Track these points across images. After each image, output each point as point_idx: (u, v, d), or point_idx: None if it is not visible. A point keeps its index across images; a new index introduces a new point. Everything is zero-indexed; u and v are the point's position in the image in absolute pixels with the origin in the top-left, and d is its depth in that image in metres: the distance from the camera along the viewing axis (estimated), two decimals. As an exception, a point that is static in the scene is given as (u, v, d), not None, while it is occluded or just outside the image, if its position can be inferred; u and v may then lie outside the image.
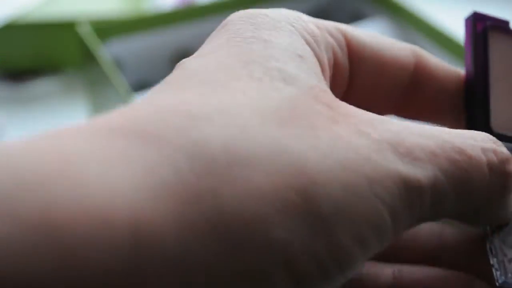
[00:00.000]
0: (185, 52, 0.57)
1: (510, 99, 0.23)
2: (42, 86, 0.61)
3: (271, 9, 0.21)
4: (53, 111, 0.59)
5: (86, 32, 0.50)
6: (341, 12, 0.63)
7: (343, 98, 0.23)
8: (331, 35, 0.21)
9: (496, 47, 0.24)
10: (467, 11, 0.73)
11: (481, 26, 0.24)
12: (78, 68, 0.60)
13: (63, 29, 0.59)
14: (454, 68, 0.24)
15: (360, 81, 0.23)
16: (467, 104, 0.23)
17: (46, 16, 0.59)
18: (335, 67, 0.22)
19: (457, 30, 0.55)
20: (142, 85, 0.56)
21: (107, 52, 0.52)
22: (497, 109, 0.23)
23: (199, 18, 0.56)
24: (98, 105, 0.53)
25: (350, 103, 0.20)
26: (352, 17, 0.61)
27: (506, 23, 0.24)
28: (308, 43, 0.20)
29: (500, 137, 0.22)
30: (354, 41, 0.22)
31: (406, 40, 0.56)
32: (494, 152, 0.19)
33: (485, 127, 0.22)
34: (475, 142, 0.19)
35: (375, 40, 0.23)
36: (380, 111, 0.23)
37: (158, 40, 0.55)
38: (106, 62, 0.47)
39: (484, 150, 0.19)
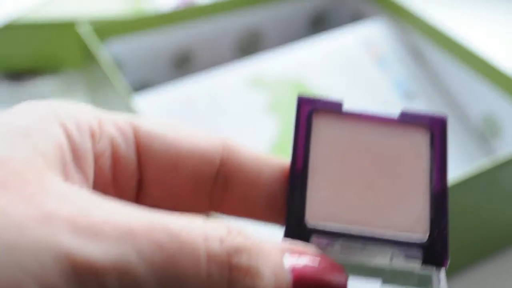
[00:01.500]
0: (185, 52, 0.57)
1: (335, 189, 0.22)
2: (42, 86, 0.61)
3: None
4: (53, 111, 0.59)
5: (86, 32, 0.50)
6: (341, 12, 0.63)
7: (140, 190, 0.22)
8: (117, 127, 0.21)
9: (322, 131, 0.23)
10: (467, 11, 0.73)
11: (306, 109, 0.23)
12: (78, 68, 0.60)
13: (63, 29, 0.59)
14: (277, 158, 0.23)
15: (153, 174, 0.22)
16: (287, 195, 0.22)
17: (46, 16, 0.59)
18: (116, 158, 0.21)
19: (457, 30, 0.55)
20: (142, 85, 0.56)
21: (107, 52, 0.52)
22: (317, 199, 0.22)
23: (199, 18, 0.56)
24: (98, 105, 0.53)
25: (148, 195, 0.20)
26: (352, 17, 0.61)
27: (337, 105, 0.24)
28: (66, 130, 0.20)
29: (316, 231, 0.21)
30: (143, 134, 0.22)
31: (406, 40, 0.56)
32: (221, 241, 0.18)
33: (298, 219, 0.21)
34: (199, 228, 0.18)
35: (173, 133, 0.22)
36: (189, 205, 0.23)
37: (158, 40, 0.55)
38: (106, 62, 0.47)
39: (207, 238, 0.18)
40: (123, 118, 0.22)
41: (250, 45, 0.60)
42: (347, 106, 0.24)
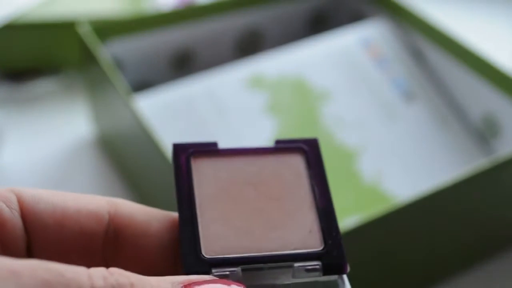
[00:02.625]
0: (185, 52, 0.57)
1: (226, 222, 0.23)
2: (42, 86, 0.61)
3: None
4: (53, 111, 0.59)
5: (86, 32, 0.50)
6: (341, 12, 0.63)
7: (30, 251, 0.23)
8: None
9: (202, 172, 0.24)
10: (467, 11, 0.73)
11: (183, 155, 0.25)
12: (78, 68, 0.60)
13: (63, 29, 0.59)
14: (164, 211, 0.24)
15: (41, 234, 0.23)
16: (180, 238, 0.23)
17: (46, 16, 0.59)
18: (1, 223, 0.22)
19: (457, 30, 0.55)
20: (142, 85, 0.56)
21: (107, 52, 0.52)
22: (210, 235, 0.23)
23: (199, 18, 0.56)
24: (98, 105, 0.53)
25: (39, 256, 0.22)
26: (352, 17, 0.61)
27: (212, 145, 0.25)
28: None
29: (215, 263, 0.22)
30: (27, 198, 0.23)
31: (406, 40, 0.56)
32: (104, 278, 0.19)
33: (195, 256, 0.22)
34: (83, 269, 0.19)
35: (58, 195, 0.23)
36: (82, 264, 0.23)
37: (158, 40, 0.55)
38: (106, 62, 0.47)
39: (91, 276, 0.19)
40: (2, 188, 0.23)
41: (250, 45, 0.60)
42: (223, 146, 0.25)
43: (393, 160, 0.49)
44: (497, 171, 0.41)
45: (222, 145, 0.26)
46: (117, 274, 0.20)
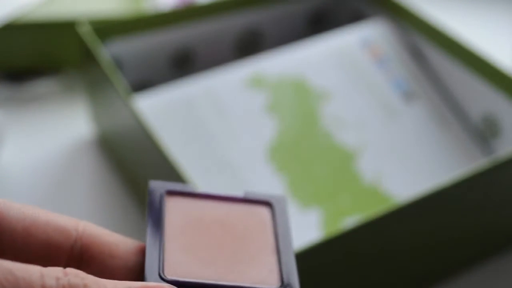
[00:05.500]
0: (185, 52, 0.57)
1: (190, 253, 0.25)
2: (42, 86, 0.61)
3: None
4: (53, 111, 0.59)
5: (86, 32, 0.50)
6: (341, 12, 0.63)
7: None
8: None
9: (174, 208, 0.27)
10: (467, 11, 0.73)
11: (158, 191, 0.27)
12: (78, 68, 0.60)
13: (63, 29, 0.59)
14: (132, 239, 0.26)
15: (8, 239, 0.24)
16: (145, 260, 0.24)
17: (46, 16, 0.59)
18: None
19: (457, 30, 0.55)
20: (142, 85, 0.56)
21: (107, 52, 0.52)
22: (173, 262, 0.25)
23: (199, 18, 0.56)
24: (98, 105, 0.53)
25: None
26: (352, 17, 0.61)
27: (188, 188, 0.27)
28: None
29: (175, 282, 0.24)
30: (0, 204, 0.24)
31: (406, 40, 0.56)
32: (57, 278, 0.20)
33: (156, 274, 0.24)
34: (35, 268, 0.20)
35: (31, 207, 0.24)
36: None
37: (158, 40, 0.55)
38: (106, 62, 0.47)
39: (43, 276, 0.20)
40: None
41: (250, 45, 0.60)
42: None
43: (393, 160, 0.49)
44: (497, 171, 0.41)
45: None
46: (72, 274, 0.20)
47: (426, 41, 0.54)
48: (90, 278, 0.21)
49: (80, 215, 0.50)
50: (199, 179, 0.46)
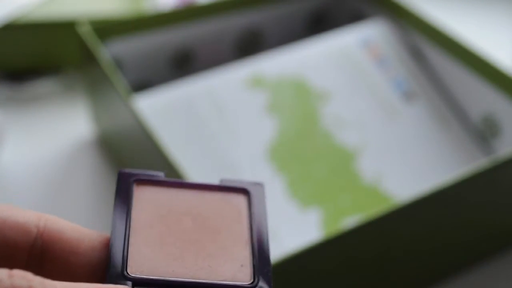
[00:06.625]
0: (185, 52, 0.57)
1: (157, 247, 0.24)
2: (42, 86, 0.61)
3: None
4: (53, 111, 0.59)
5: (86, 32, 0.50)
6: (341, 12, 0.63)
7: None
8: None
9: (143, 198, 0.25)
10: (467, 11, 0.73)
11: (126, 181, 0.25)
12: (78, 68, 0.60)
13: (63, 29, 0.59)
14: (97, 231, 0.25)
15: None
16: (108, 255, 0.23)
17: (46, 16, 0.59)
18: None
19: (457, 30, 0.55)
20: (142, 85, 0.56)
21: (107, 52, 0.52)
22: (139, 257, 0.23)
23: (199, 18, 0.56)
24: (98, 105, 0.53)
25: None
26: (352, 17, 0.61)
27: (157, 176, 0.26)
28: None
29: (138, 281, 0.22)
30: None
31: (406, 40, 0.56)
32: (0, 281, 0.19)
33: (119, 272, 0.23)
34: None
35: None
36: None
37: (158, 40, 0.55)
38: (106, 62, 0.47)
39: None
40: None
41: (250, 45, 0.60)
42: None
43: (393, 160, 0.49)
44: (497, 171, 0.41)
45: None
46: (17, 276, 0.20)
47: (426, 41, 0.54)
48: (36, 280, 0.20)
49: (79, 215, 0.50)
50: (199, 179, 0.46)
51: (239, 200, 0.26)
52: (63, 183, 0.53)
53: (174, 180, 0.26)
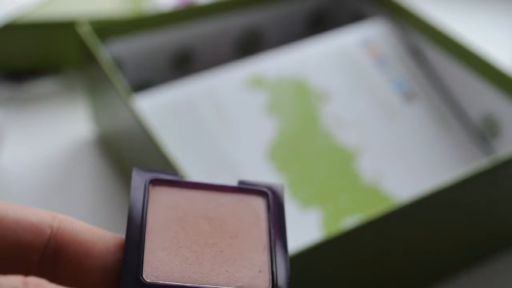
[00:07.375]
0: (185, 52, 0.57)
1: (173, 251, 0.23)
2: (42, 86, 0.61)
3: None
4: (53, 111, 0.59)
5: (86, 32, 0.50)
6: (341, 12, 0.63)
7: None
8: None
9: (159, 200, 0.24)
10: (467, 11, 0.73)
11: (142, 181, 0.25)
12: (78, 68, 0.60)
13: (63, 29, 0.59)
14: (111, 232, 0.24)
15: None
16: (123, 259, 0.23)
17: (46, 16, 0.59)
18: None
19: (458, 30, 0.55)
20: (142, 85, 0.56)
21: (107, 52, 0.52)
22: (155, 261, 0.23)
23: (199, 18, 0.56)
24: (98, 105, 0.53)
25: None
26: (352, 17, 0.61)
27: (174, 175, 0.25)
28: None
29: (155, 286, 0.22)
30: None
31: (406, 40, 0.56)
32: None
33: (135, 278, 0.22)
34: None
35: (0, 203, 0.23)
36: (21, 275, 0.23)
37: (158, 40, 0.55)
38: (106, 62, 0.47)
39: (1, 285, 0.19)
40: None
41: (250, 45, 0.60)
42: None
43: (393, 160, 0.49)
44: (497, 171, 0.41)
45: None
46: (32, 284, 0.19)
47: (426, 41, 0.54)
48: None
49: (79, 215, 0.50)
50: (199, 179, 0.46)
51: (258, 203, 0.25)
52: (63, 183, 0.53)
53: (191, 181, 0.25)
